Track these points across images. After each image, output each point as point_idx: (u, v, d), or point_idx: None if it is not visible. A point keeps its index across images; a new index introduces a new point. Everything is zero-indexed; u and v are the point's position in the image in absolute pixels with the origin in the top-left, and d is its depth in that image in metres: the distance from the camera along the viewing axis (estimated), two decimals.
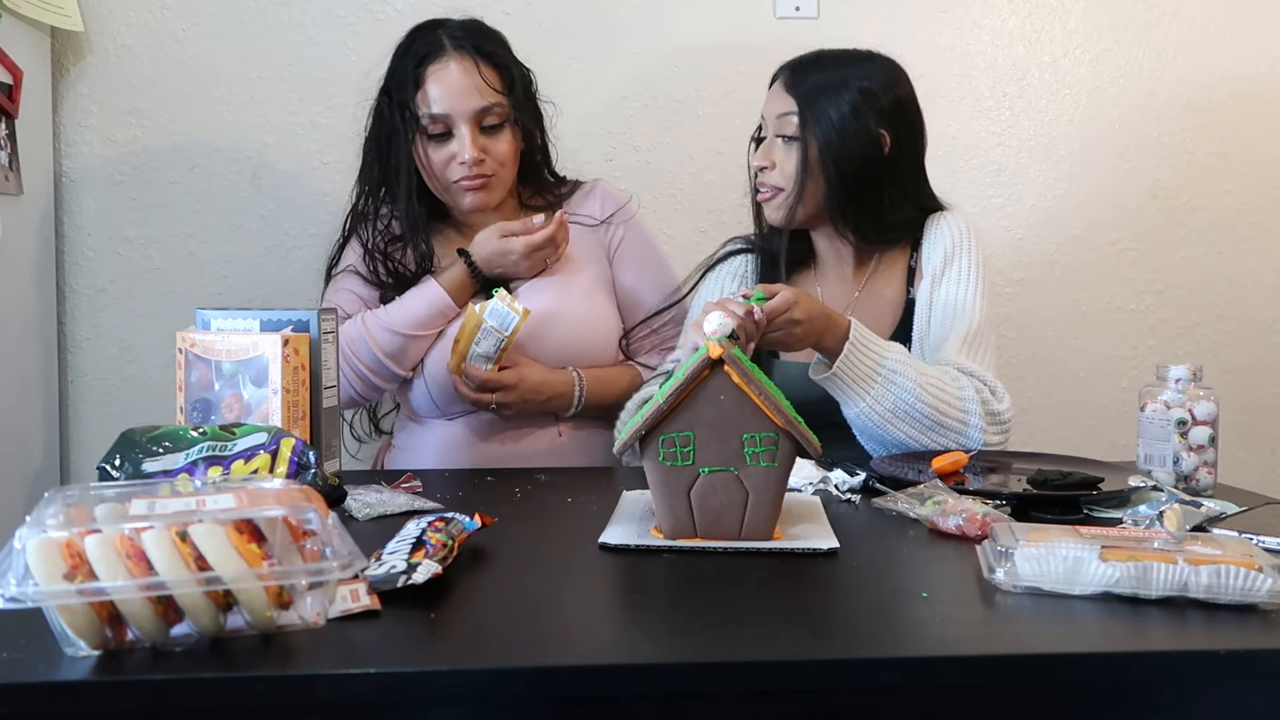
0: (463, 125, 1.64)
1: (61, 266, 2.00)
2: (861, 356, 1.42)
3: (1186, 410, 1.32)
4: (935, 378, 1.45)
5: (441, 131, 1.66)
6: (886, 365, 1.43)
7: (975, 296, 1.57)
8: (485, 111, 1.65)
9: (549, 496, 1.33)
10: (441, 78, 1.64)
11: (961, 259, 1.60)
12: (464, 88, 1.64)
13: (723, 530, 1.05)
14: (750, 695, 0.79)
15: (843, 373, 1.41)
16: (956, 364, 1.50)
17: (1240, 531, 1.08)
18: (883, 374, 1.42)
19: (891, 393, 1.42)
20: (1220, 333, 2.20)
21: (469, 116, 1.64)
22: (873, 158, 1.58)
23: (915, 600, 0.92)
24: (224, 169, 2.02)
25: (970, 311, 1.56)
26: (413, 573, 0.89)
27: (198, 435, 1.15)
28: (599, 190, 1.83)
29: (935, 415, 1.43)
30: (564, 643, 0.83)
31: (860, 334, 1.43)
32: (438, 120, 1.65)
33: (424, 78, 1.65)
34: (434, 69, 1.65)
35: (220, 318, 1.39)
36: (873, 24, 2.10)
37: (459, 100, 1.64)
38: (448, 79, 1.64)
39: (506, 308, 1.56)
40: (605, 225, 1.79)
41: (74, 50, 1.98)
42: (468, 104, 1.64)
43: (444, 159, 1.66)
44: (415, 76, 1.65)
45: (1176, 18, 2.15)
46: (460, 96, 1.64)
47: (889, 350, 1.44)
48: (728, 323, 1.06)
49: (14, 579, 0.74)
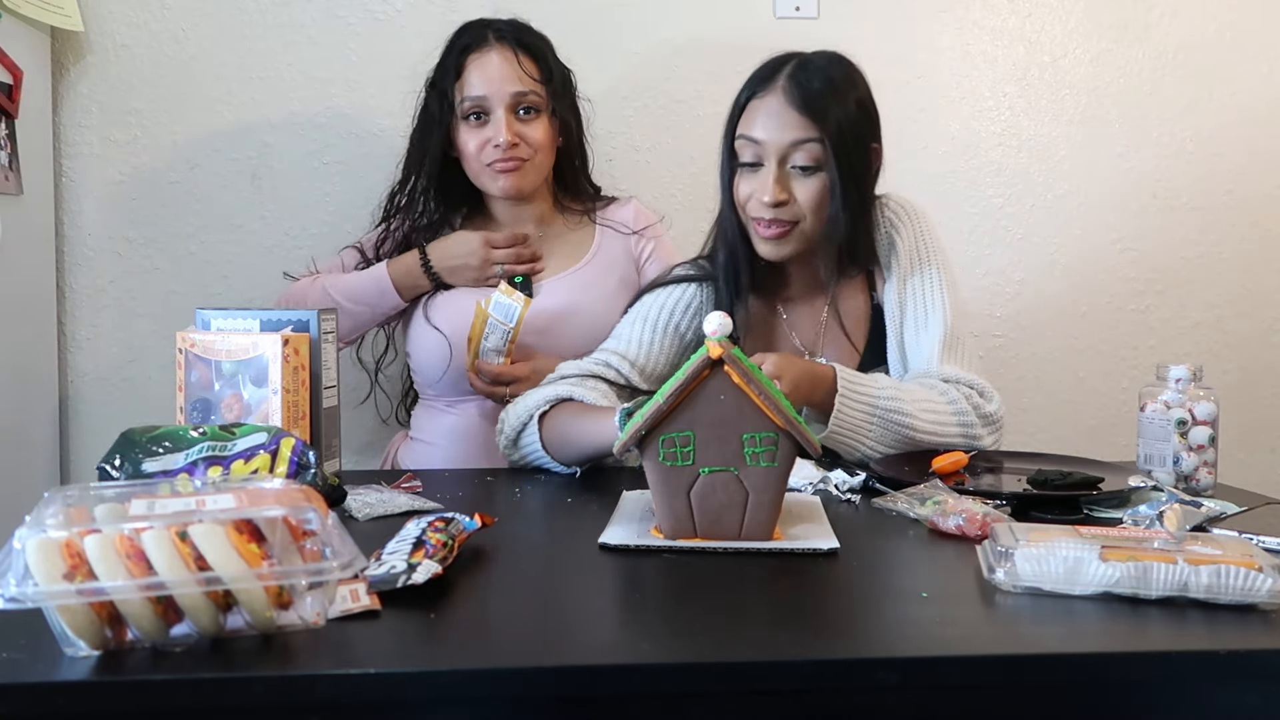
0: (499, 108, 1.70)
1: (61, 266, 2.00)
2: (854, 406, 1.38)
3: (1186, 410, 1.32)
4: (926, 400, 1.41)
5: (479, 115, 1.71)
6: (880, 405, 1.39)
7: (942, 295, 1.51)
8: (521, 97, 1.71)
9: (549, 496, 1.33)
10: (482, 64, 1.72)
11: (921, 256, 1.53)
12: (502, 74, 1.71)
13: (723, 530, 1.05)
14: (750, 695, 0.79)
15: (839, 428, 1.38)
16: (940, 374, 1.45)
17: (1240, 531, 1.08)
18: (878, 415, 1.39)
19: (890, 431, 1.39)
20: (1220, 333, 2.20)
21: (505, 100, 1.70)
22: (873, 175, 1.53)
23: (915, 600, 0.92)
24: (224, 169, 2.02)
25: (941, 312, 1.50)
26: (413, 573, 0.89)
27: (198, 435, 1.15)
28: (634, 204, 1.88)
29: (934, 439, 1.40)
30: (564, 643, 0.83)
31: (847, 383, 1.39)
32: (475, 104, 1.71)
33: (465, 65, 1.72)
34: (475, 57, 1.72)
35: (220, 318, 1.40)
36: (873, 24, 2.10)
37: (497, 84, 1.70)
38: (488, 65, 1.71)
39: (508, 299, 1.59)
40: (637, 236, 1.83)
41: (74, 50, 1.98)
42: (505, 88, 1.70)
43: (480, 142, 1.72)
44: (457, 66, 1.73)
45: (1176, 18, 2.15)
46: (498, 81, 1.71)
47: (879, 388, 1.40)
48: (728, 323, 1.06)
49: (14, 579, 0.74)
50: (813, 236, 1.48)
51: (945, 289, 1.52)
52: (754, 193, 1.46)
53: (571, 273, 1.78)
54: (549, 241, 1.81)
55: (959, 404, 1.42)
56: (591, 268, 1.79)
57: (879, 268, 1.57)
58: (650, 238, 1.84)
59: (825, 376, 1.39)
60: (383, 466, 1.86)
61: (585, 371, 1.51)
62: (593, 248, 1.81)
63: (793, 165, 1.45)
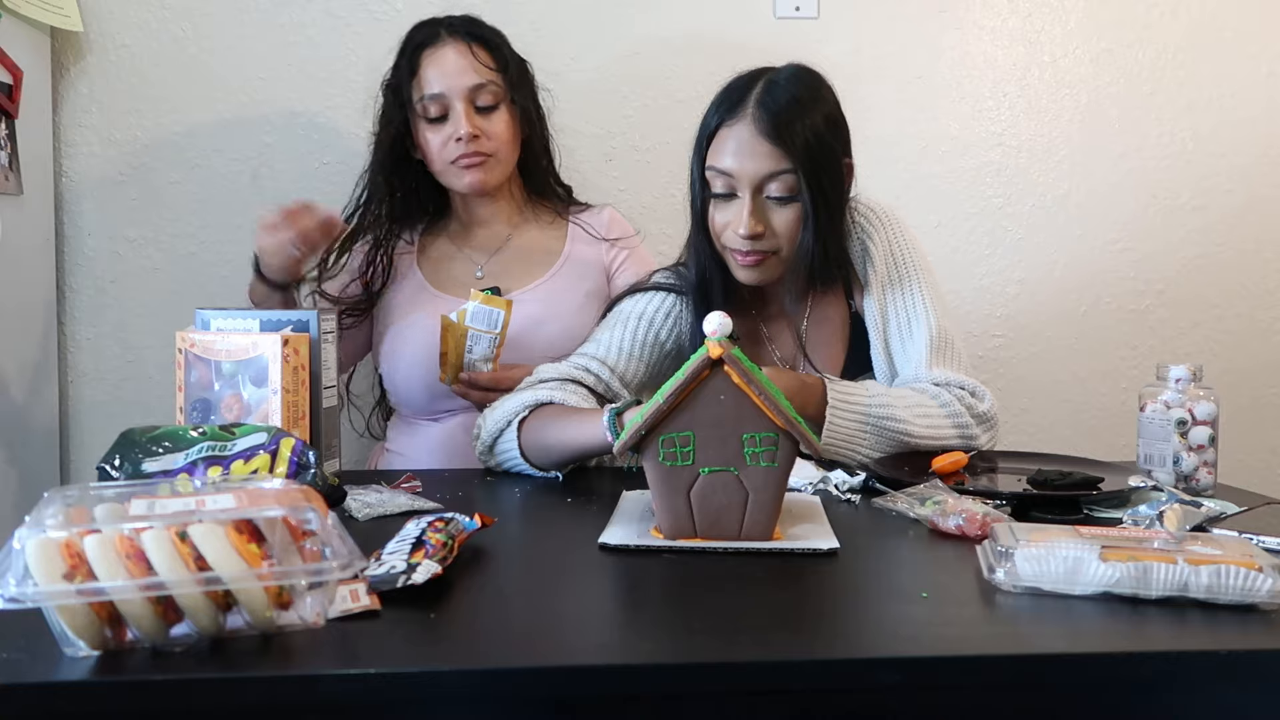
0: (458, 103, 1.68)
1: (61, 266, 2.00)
2: (846, 415, 1.38)
3: (1187, 410, 1.32)
4: (919, 404, 1.41)
5: (438, 114, 1.69)
6: (873, 412, 1.38)
7: (924, 300, 1.50)
8: (479, 89, 1.69)
9: (549, 496, 1.33)
10: (437, 60, 1.69)
11: (898, 262, 1.52)
12: (458, 67, 1.68)
13: (723, 530, 1.05)
14: (750, 695, 0.79)
15: (833, 438, 1.37)
16: (930, 378, 1.45)
17: (1240, 531, 1.08)
18: (871, 422, 1.38)
19: (884, 438, 1.39)
20: (1220, 333, 2.20)
21: (463, 94, 1.68)
22: (845, 192, 1.49)
23: (915, 600, 0.92)
24: (224, 169, 2.02)
25: (925, 318, 1.48)
26: (412, 573, 0.89)
27: (198, 435, 1.15)
28: (609, 212, 1.85)
29: (931, 442, 1.39)
30: (563, 643, 0.83)
31: (837, 393, 1.38)
32: (434, 101, 1.69)
33: (420, 63, 1.70)
34: (430, 54, 1.70)
35: (220, 318, 1.40)
36: (872, 24, 2.10)
37: (454, 79, 1.68)
38: (443, 60, 1.69)
39: (487, 307, 1.56)
40: (609, 244, 1.80)
41: (74, 50, 1.98)
42: (462, 81, 1.68)
43: (442, 139, 1.69)
44: (412, 64, 1.70)
45: (1176, 18, 2.15)
46: (454, 75, 1.68)
47: (870, 395, 1.40)
48: (727, 323, 1.06)
49: (13, 579, 0.74)
50: (788, 260, 1.46)
51: (925, 293, 1.51)
52: (729, 224, 1.43)
53: (541, 283, 1.75)
54: (519, 242, 1.79)
55: (952, 405, 1.42)
56: (561, 277, 1.76)
57: (854, 274, 1.55)
58: (624, 248, 1.80)
59: (815, 388, 1.39)
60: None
61: (564, 375, 1.49)
62: (564, 253, 1.78)
63: (768, 196, 1.42)
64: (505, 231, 1.79)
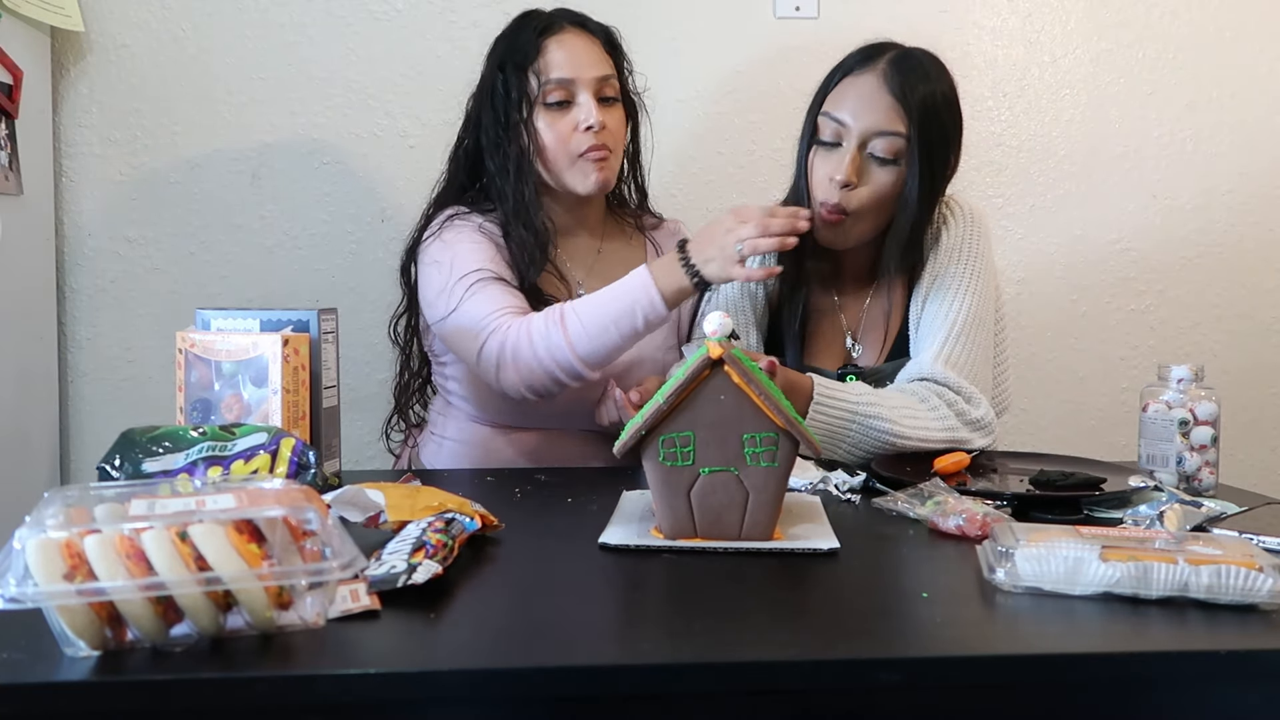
0: (585, 91, 1.59)
1: (61, 266, 2.00)
2: (828, 412, 1.39)
3: (1188, 410, 1.32)
4: (905, 406, 1.41)
5: (561, 99, 1.59)
6: (860, 411, 1.39)
7: (963, 295, 1.50)
8: (604, 81, 1.61)
9: (549, 496, 1.33)
10: (565, 44, 1.60)
11: (959, 254, 1.53)
12: (589, 56, 1.61)
13: (723, 530, 1.05)
14: (750, 695, 0.79)
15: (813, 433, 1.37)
16: (928, 374, 1.45)
17: (1240, 531, 1.08)
18: (856, 421, 1.39)
19: (869, 437, 1.39)
20: (1220, 333, 2.20)
21: (591, 83, 1.60)
22: (947, 179, 1.51)
23: (915, 600, 0.92)
24: (224, 169, 2.02)
25: (955, 313, 1.49)
26: (413, 573, 0.89)
27: (198, 435, 1.15)
28: (677, 226, 1.80)
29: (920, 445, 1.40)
30: (564, 643, 0.83)
31: (822, 392, 1.39)
32: (559, 85, 1.59)
33: (546, 46, 1.60)
34: (555, 38, 1.61)
35: (220, 318, 1.39)
36: (873, 24, 2.08)
37: (582, 67, 1.60)
38: (572, 46, 1.61)
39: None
40: None
41: (74, 50, 1.98)
42: (590, 71, 1.60)
43: (566, 128, 1.59)
44: (537, 45, 1.60)
45: (1176, 18, 2.15)
46: (583, 64, 1.60)
47: (856, 394, 1.40)
48: (728, 323, 1.06)
49: (14, 579, 0.74)
50: (869, 232, 1.48)
51: (969, 290, 1.50)
52: (828, 173, 1.45)
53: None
54: (610, 255, 1.70)
55: (940, 409, 1.42)
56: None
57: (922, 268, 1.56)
58: None
59: (804, 386, 1.40)
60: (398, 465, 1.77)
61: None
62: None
63: (871, 153, 1.44)
64: (594, 244, 1.71)
